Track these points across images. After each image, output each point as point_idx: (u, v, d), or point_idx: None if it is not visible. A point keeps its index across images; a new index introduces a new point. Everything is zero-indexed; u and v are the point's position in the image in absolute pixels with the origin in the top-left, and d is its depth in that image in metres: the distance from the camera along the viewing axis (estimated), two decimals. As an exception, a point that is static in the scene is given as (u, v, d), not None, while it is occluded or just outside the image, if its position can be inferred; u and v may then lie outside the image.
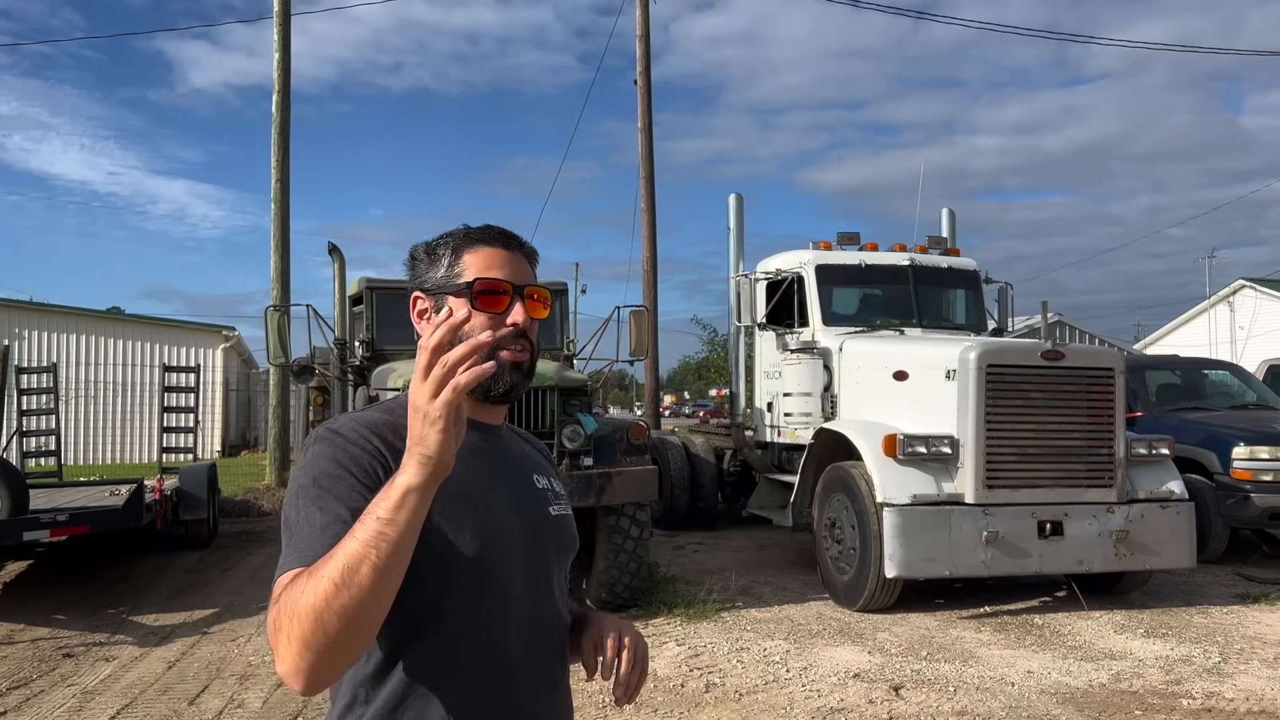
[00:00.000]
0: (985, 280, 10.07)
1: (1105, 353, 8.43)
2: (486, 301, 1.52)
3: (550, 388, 7.06)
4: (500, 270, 1.54)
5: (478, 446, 1.54)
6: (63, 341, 23.39)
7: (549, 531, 1.60)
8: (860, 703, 5.29)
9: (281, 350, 7.91)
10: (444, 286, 1.55)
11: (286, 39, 14.87)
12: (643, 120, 17.36)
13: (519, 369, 1.54)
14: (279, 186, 14.73)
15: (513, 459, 1.63)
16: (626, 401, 68.71)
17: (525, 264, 1.59)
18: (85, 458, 22.30)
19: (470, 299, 1.52)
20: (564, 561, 1.67)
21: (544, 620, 1.57)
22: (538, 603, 1.56)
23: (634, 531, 7.12)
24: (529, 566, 1.54)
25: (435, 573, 1.41)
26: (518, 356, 1.54)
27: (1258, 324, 31.00)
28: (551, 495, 1.65)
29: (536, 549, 1.56)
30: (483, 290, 1.52)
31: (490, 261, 1.55)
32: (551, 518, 1.62)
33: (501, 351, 1.51)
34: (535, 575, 1.55)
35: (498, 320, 1.52)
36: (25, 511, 7.08)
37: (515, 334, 1.53)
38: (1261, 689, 5.54)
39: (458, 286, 1.53)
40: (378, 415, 1.50)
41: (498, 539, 1.48)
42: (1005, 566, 7.09)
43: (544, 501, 1.62)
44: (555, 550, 1.62)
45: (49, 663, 6.21)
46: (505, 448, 1.62)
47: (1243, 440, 9.14)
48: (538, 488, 1.63)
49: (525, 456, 1.68)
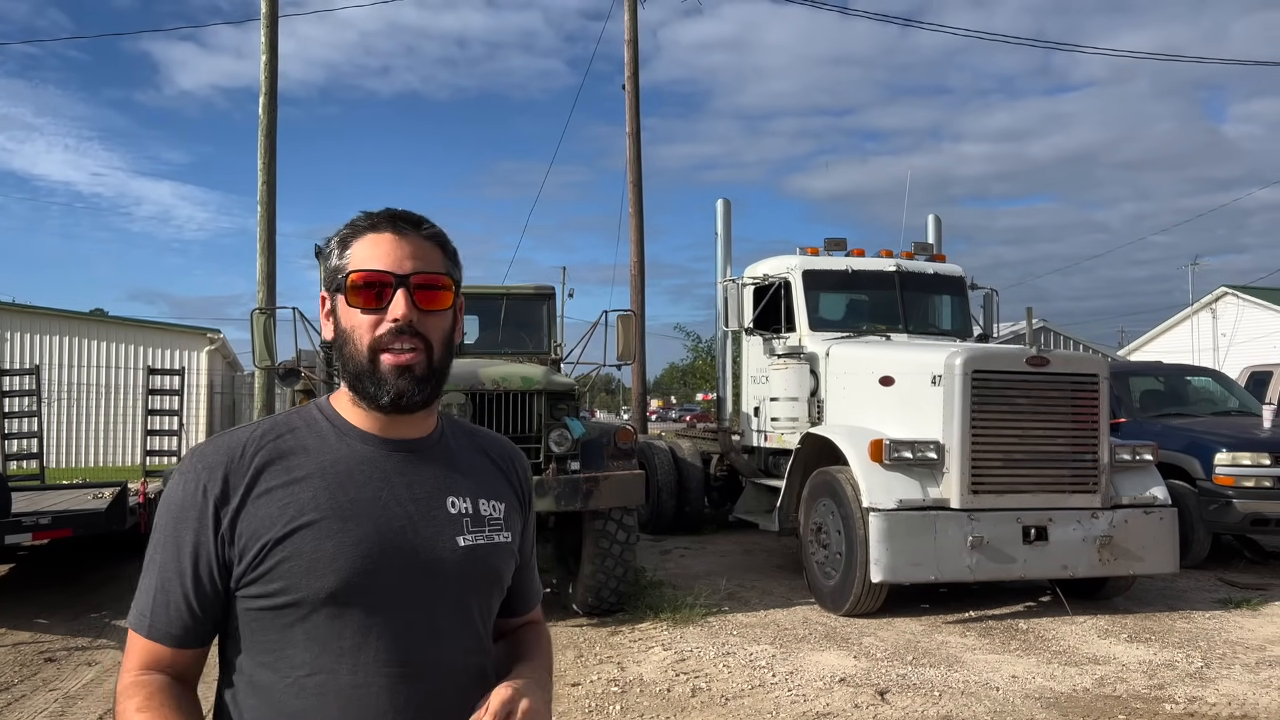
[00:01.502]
0: (971, 286, 10.12)
1: (1089, 359, 8.49)
2: (361, 297, 1.33)
3: (537, 392, 7.06)
4: (384, 259, 1.33)
5: (370, 465, 1.37)
6: (46, 343, 23.20)
7: (452, 566, 1.37)
8: (846, 707, 5.30)
9: (267, 353, 7.87)
10: (332, 283, 1.38)
11: (274, 41, 14.83)
12: (631, 125, 17.38)
13: (406, 373, 1.33)
14: (265, 189, 14.67)
15: (426, 479, 1.40)
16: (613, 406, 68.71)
17: (425, 249, 1.37)
18: (68, 460, 22.13)
19: (344, 295, 1.34)
20: (483, 600, 1.44)
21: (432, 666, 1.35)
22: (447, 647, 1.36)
23: (621, 536, 7.12)
24: (419, 609, 1.34)
25: (281, 619, 1.30)
26: (400, 359, 1.33)
27: (1240, 331, 31.25)
28: (466, 521, 1.40)
29: (432, 588, 1.35)
30: (356, 284, 1.33)
31: (373, 250, 1.34)
32: (457, 550, 1.38)
33: (382, 354, 1.33)
34: (420, 620, 1.34)
35: (374, 319, 1.33)
36: (7, 515, 7.02)
37: (395, 332, 1.33)
38: (1243, 694, 5.58)
39: (340, 282, 1.35)
40: (261, 429, 1.38)
41: (368, 578, 1.30)
42: (990, 571, 7.12)
43: (452, 529, 1.39)
44: (457, 589, 1.38)
45: (30, 667, 6.16)
46: (419, 465, 1.41)
47: (1225, 446, 9.20)
48: (450, 513, 1.39)
49: (451, 474, 1.44)
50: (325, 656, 1.30)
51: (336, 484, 1.34)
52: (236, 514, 1.30)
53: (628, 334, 8.51)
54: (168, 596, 1.31)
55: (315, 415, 1.42)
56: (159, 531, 1.33)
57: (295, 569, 1.28)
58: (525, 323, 8.92)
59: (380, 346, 1.33)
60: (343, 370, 1.39)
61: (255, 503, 1.30)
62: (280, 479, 1.32)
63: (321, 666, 1.30)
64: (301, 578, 1.28)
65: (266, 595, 1.30)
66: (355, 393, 1.38)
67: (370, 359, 1.33)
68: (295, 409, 1.45)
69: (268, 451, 1.34)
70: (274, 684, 1.31)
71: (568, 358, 8.78)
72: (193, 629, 1.32)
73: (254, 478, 1.31)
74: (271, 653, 1.31)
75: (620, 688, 5.60)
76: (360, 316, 1.34)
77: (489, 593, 1.45)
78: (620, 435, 7.28)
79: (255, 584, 1.30)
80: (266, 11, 14.77)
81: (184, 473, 1.34)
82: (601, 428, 7.49)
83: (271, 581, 1.29)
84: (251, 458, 1.33)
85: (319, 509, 1.30)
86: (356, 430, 1.40)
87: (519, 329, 8.88)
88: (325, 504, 1.31)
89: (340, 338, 1.37)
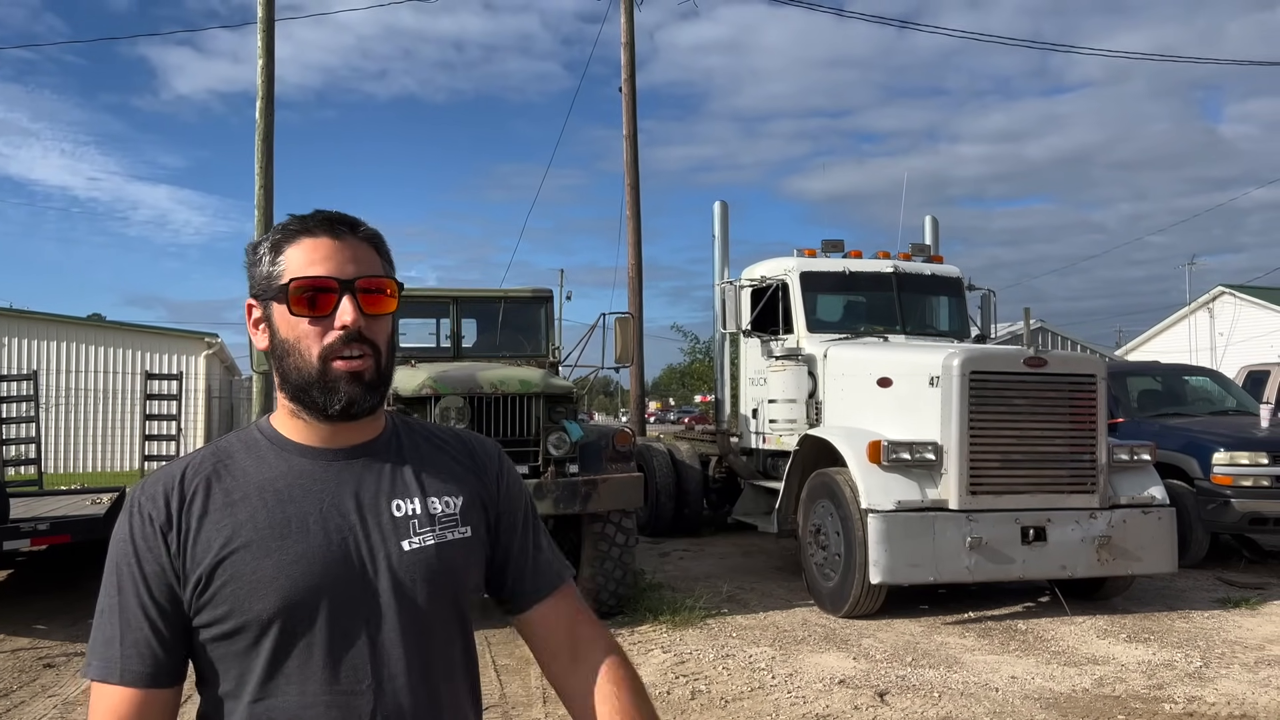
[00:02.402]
0: (968, 287, 10.13)
1: (1087, 359, 8.51)
2: (305, 304, 1.29)
3: (535, 395, 7.06)
4: (324, 264, 1.30)
5: (308, 478, 1.34)
6: (43, 349, 23.19)
7: (403, 571, 1.33)
8: (845, 709, 5.30)
9: (264, 358, 7.86)
10: (266, 290, 1.33)
11: (270, 45, 14.82)
12: (628, 127, 17.39)
13: (357, 380, 1.31)
14: (262, 193, 14.66)
15: (367, 485, 1.36)
16: (612, 408, 68.69)
17: (363, 251, 1.34)
18: (66, 466, 22.12)
19: (286, 304, 1.30)
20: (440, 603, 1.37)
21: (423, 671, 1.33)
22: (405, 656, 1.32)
23: (619, 539, 7.12)
24: (356, 620, 1.30)
25: (228, 648, 1.27)
26: (352, 365, 1.30)
27: (1237, 330, 31.29)
28: (414, 523, 1.36)
29: (365, 598, 1.31)
30: (299, 290, 1.29)
31: (312, 255, 1.31)
32: (402, 554, 1.33)
33: (334, 362, 1.30)
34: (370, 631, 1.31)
35: (322, 326, 1.30)
36: (5, 520, 7.02)
37: (345, 339, 1.30)
38: (1242, 693, 5.58)
39: (277, 290, 1.31)
40: (198, 457, 1.36)
41: (312, 593, 1.27)
42: (989, 572, 7.13)
43: (398, 533, 1.34)
44: (410, 594, 1.33)
45: (30, 673, 6.15)
46: (360, 473, 1.37)
47: (1223, 446, 9.21)
48: (393, 516, 1.35)
49: (395, 476, 1.39)
50: (275, 680, 1.28)
51: (274, 501, 1.31)
52: (182, 541, 1.28)
53: (626, 336, 8.51)
54: (135, 635, 1.27)
55: (255, 436, 1.39)
56: (113, 574, 1.29)
57: (237, 592, 1.26)
58: (523, 326, 8.92)
59: (331, 355, 1.30)
60: (282, 382, 1.35)
61: (196, 528, 1.28)
62: (218, 502, 1.30)
63: (270, 690, 1.27)
64: (244, 600, 1.26)
65: (215, 622, 1.27)
66: (299, 404, 1.34)
67: (320, 368, 1.30)
68: (236, 431, 1.43)
69: (206, 477, 1.32)
70: (232, 712, 1.29)
71: (566, 361, 8.78)
72: (165, 665, 1.29)
73: (193, 504, 1.29)
74: (232, 682, 1.29)
75: (620, 690, 5.59)
76: (305, 326, 1.30)
77: (445, 592, 1.38)
78: (618, 438, 7.28)
79: (203, 611, 1.28)
80: (262, 16, 14.77)
81: (129, 509, 1.31)
82: (600, 430, 7.49)
83: (217, 607, 1.27)
84: (191, 484, 1.31)
85: (256, 529, 1.28)
86: (295, 445, 1.37)
87: (517, 332, 8.88)
88: (263, 523, 1.29)
89: (280, 348, 1.33)
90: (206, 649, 1.29)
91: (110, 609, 1.29)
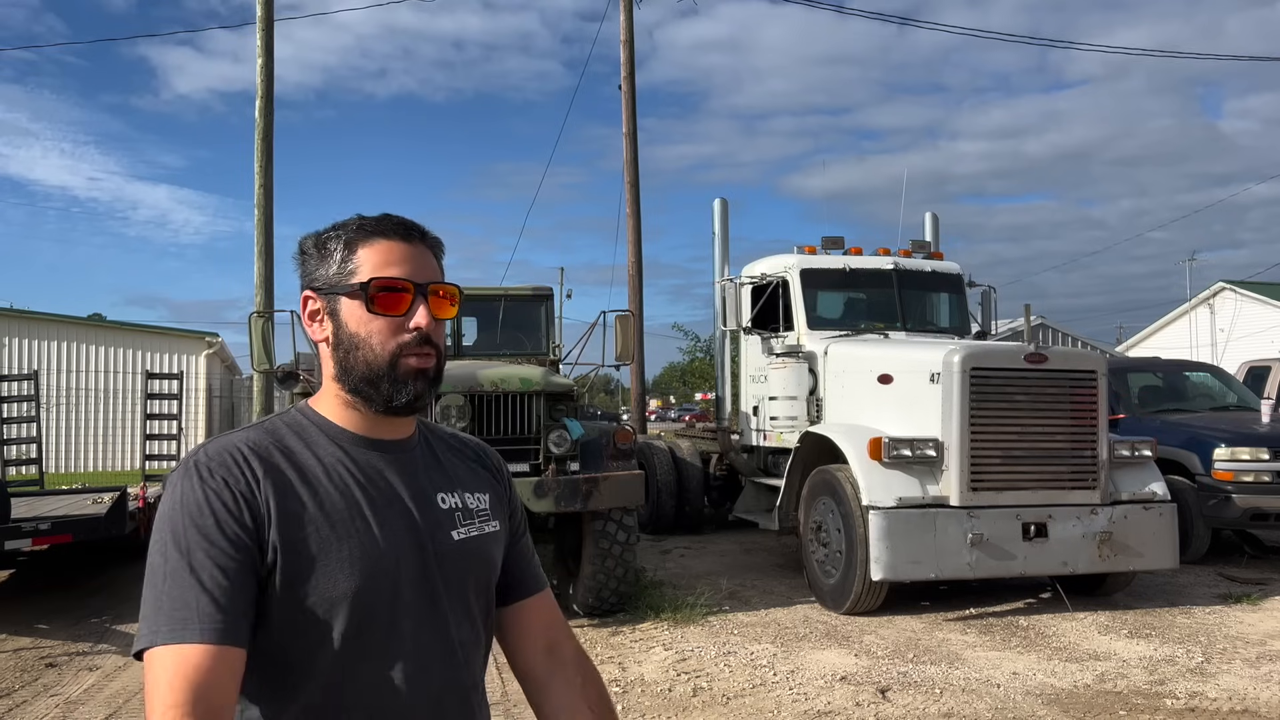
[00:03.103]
0: (968, 284, 10.13)
1: (1088, 355, 8.50)
2: (384, 303, 1.37)
3: (536, 393, 7.06)
4: (399, 266, 1.38)
5: (364, 467, 1.40)
6: (44, 349, 23.19)
7: (450, 559, 1.42)
8: (847, 705, 5.30)
9: (265, 356, 7.87)
10: (336, 286, 1.39)
11: (269, 45, 14.82)
12: (627, 125, 17.38)
13: (424, 376, 1.39)
14: (262, 192, 14.67)
15: (415, 477, 1.45)
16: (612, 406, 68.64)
17: (429, 257, 1.43)
18: (67, 466, 22.11)
19: (365, 301, 1.37)
20: (477, 591, 1.49)
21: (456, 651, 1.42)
22: (446, 637, 1.40)
23: (621, 536, 7.12)
24: (427, 601, 1.39)
25: (306, 621, 1.30)
26: (423, 363, 1.39)
27: (1238, 326, 31.29)
28: (459, 515, 1.47)
29: (435, 580, 1.40)
30: (380, 290, 1.36)
31: (388, 256, 1.38)
32: (452, 543, 1.44)
33: (406, 359, 1.37)
34: (439, 610, 1.40)
35: (398, 323, 1.37)
36: (6, 520, 7.02)
37: (420, 339, 1.38)
38: (1244, 688, 5.58)
39: (351, 287, 1.37)
40: (254, 435, 1.38)
41: (381, 576, 1.34)
42: (990, 568, 7.13)
43: (447, 524, 1.44)
44: (458, 580, 1.44)
45: (31, 673, 6.15)
46: (406, 465, 1.45)
47: (1224, 441, 9.21)
48: (441, 508, 1.45)
49: (435, 471, 1.49)
50: (345, 652, 1.31)
51: (342, 485, 1.36)
52: (265, 512, 1.30)
53: (626, 334, 8.51)
54: (210, 594, 1.24)
55: (301, 421, 1.43)
56: (179, 538, 1.27)
57: (322, 568, 1.30)
58: (523, 324, 8.93)
59: (402, 351, 1.37)
60: (343, 373, 1.40)
61: (277, 502, 1.31)
62: (293, 479, 1.34)
63: (341, 662, 1.31)
64: (326, 577, 1.30)
65: (294, 595, 1.30)
66: (359, 395, 1.39)
67: (391, 363, 1.37)
68: (276, 414, 1.46)
69: (271, 454, 1.35)
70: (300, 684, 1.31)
71: (566, 359, 8.79)
72: (241, 624, 1.27)
73: (269, 477, 1.32)
74: (300, 654, 1.31)
75: (621, 688, 5.60)
76: (380, 322, 1.37)
77: (484, 581, 1.50)
78: (619, 436, 7.28)
79: (282, 584, 1.30)
80: (261, 15, 14.76)
81: (194, 475, 1.31)
82: (600, 428, 7.49)
83: (298, 581, 1.30)
84: (261, 458, 1.34)
85: (335, 508, 1.34)
86: (348, 433, 1.42)
87: (517, 330, 8.89)
88: (339, 504, 1.34)
89: (348, 342, 1.39)
90: (279, 620, 1.30)
91: (177, 572, 1.25)
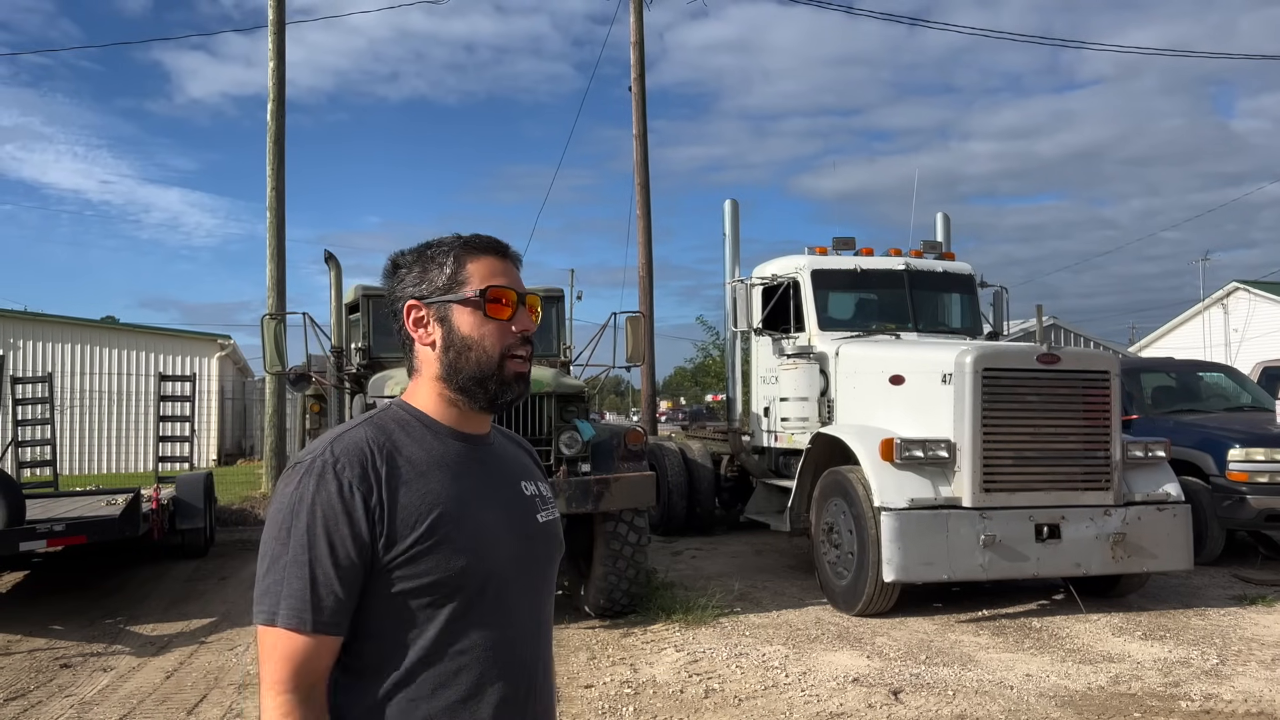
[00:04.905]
0: (980, 284, 10.09)
1: (1100, 356, 8.45)
2: (496, 310, 1.56)
3: (547, 394, 7.06)
4: (502, 278, 1.58)
5: (466, 458, 1.57)
6: (58, 351, 23.33)
7: (539, 540, 1.62)
8: (859, 707, 5.29)
9: (278, 359, 7.90)
10: (443, 293, 1.57)
11: (281, 48, 14.88)
12: (637, 127, 17.38)
13: (523, 380, 1.59)
14: (274, 195, 14.73)
15: (502, 467, 1.64)
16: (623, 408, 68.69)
17: (517, 271, 1.64)
18: (81, 468, 22.24)
19: (482, 308, 1.56)
20: (554, 568, 1.70)
21: (541, 624, 1.62)
22: (534, 609, 1.60)
23: (632, 537, 7.12)
24: (524, 577, 1.57)
25: (432, 599, 1.46)
26: (523, 367, 1.59)
27: (1252, 326, 31.10)
28: (539, 501, 1.67)
29: (529, 559, 1.59)
30: (495, 298, 1.56)
31: (493, 269, 1.58)
32: (539, 525, 1.64)
33: (509, 360, 1.57)
34: (531, 584, 1.59)
35: (505, 328, 1.56)
36: (21, 522, 7.06)
37: (522, 341, 1.58)
38: (1259, 690, 5.55)
39: (464, 296, 1.56)
40: (370, 433, 1.51)
41: (492, 554, 1.51)
42: (1003, 570, 7.10)
43: (532, 509, 1.64)
44: (545, 559, 1.65)
45: (46, 673, 6.19)
46: (493, 456, 1.63)
47: (1238, 442, 9.16)
48: (526, 495, 1.64)
49: (513, 462, 1.69)
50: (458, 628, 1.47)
51: (452, 475, 1.52)
52: (386, 507, 1.44)
53: (636, 335, 8.51)
54: (326, 588, 1.41)
55: (405, 417, 1.58)
56: (304, 530, 1.42)
57: (446, 554, 1.45)
58: (534, 325, 8.92)
59: (508, 353, 1.56)
60: (455, 373, 1.56)
61: (398, 496, 1.45)
62: (409, 473, 1.48)
63: (454, 637, 1.47)
64: (447, 561, 1.45)
65: (416, 581, 1.44)
66: (465, 394, 1.56)
67: (499, 363, 1.56)
68: (375, 412, 1.60)
69: (387, 450, 1.49)
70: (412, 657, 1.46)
71: (577, 360, 8.78)
72: (345, 616, 1.44)
73: (390, 473, 1.46)
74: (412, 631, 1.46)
75: (633, 689, 5.60)
76: (492, 326, 1.55)
77: (557, 559, 1.70)
78: (630, 437, 7.28)
79: (404, 570, 1.44)
80: (273, 19, 14.82)
81: (322, 472, 1.44)
82: (611, 429, 7.49)
83: (421, 567, 1.44)
84: (381, 455, 1.47)
85: (450, 498, 1.49)
86: (449, 429, 1.58)
87: (528, 332, 8.87)
88: (453, 494, 1.49)
89: (460, 344, 1.55)
90: (396, 604, 1.45)
91: (298, 562, 1.41)
